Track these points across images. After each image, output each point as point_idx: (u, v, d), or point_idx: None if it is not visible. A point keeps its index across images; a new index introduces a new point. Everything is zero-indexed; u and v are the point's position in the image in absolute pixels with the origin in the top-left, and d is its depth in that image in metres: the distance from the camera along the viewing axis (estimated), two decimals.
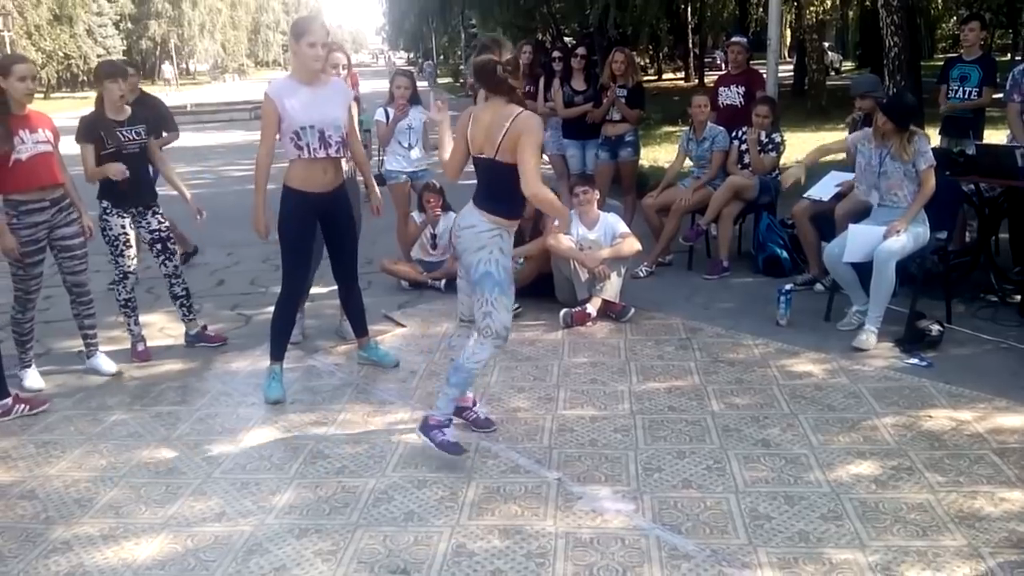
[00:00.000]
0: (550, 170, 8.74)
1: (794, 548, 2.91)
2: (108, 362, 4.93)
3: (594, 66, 8.09)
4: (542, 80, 7.72)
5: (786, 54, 35.08)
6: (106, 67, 5.01)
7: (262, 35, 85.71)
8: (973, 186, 5.68)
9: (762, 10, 20.98)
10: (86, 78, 49.41)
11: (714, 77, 8.49)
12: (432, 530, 3.12)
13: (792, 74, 24.08)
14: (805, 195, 6.07)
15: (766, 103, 6.57)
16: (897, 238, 4.76)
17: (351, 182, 4.93)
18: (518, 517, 3.19)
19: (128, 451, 3.88)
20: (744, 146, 6.55)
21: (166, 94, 43.19)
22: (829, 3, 20.60)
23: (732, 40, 7.69)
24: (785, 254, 6.32)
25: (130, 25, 59.50)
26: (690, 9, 29.21)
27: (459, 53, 42.20)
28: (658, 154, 11.82)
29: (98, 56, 47.04)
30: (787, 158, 8.45)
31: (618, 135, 7.15)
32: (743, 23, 25.34)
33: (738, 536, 3.00)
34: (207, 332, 5.39)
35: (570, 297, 5.56)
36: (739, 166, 6.58)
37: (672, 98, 18.52)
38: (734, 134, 6.65)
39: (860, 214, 5.25)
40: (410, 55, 65.61)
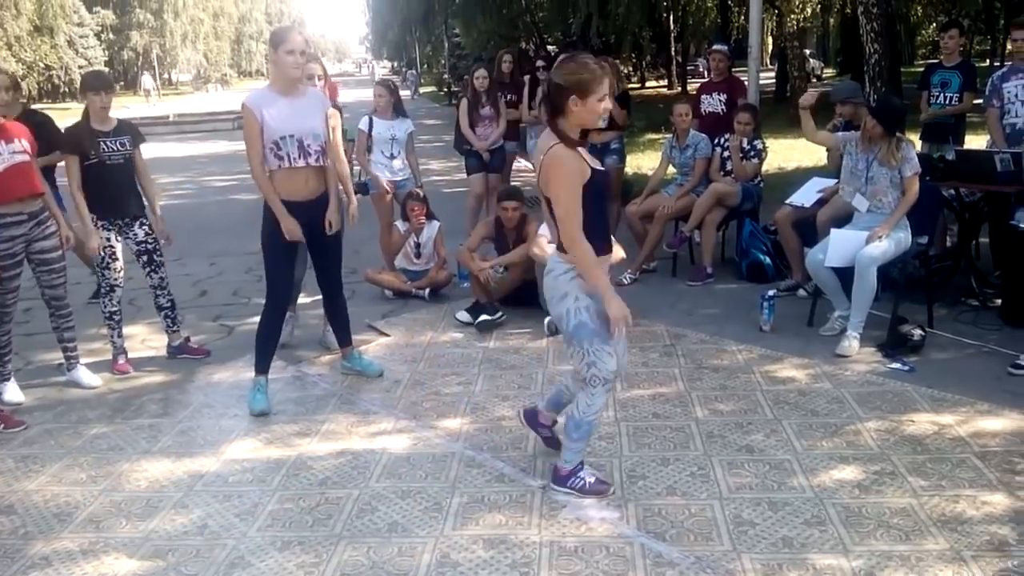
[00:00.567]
0: (534, 177, 8.77)
1: (778, 554, 2.91)
2: (89, 375, 4.89)
3: None
4: (526, 88, 7.75)
5: (768, 61, 35.32)
6: (90, 79, 4.98)
7: (245, 45, 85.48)
8: (953, 191, 5.72)
9: (743, 18, 21.12)
10: (67, 89, 49.19)
11: (697, 85, 8.53)
12: (416, 541, 3.10)
13: (774, 81, 24.24)
14: (787, 201, 6.09)
15: (748, 110, 6.60)
16: (878, 244, 4.79)
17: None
18: (502, 526, 3.17)
19: (109, 464, 3.85)
20: (726, 153, 6.58)
21: (150, 105, 43.11)
22: (810, 11, 20.74)
23: (714, 48, 7.73)
24: (768, 260, 6.35)
25: (112, 36, 59.25)
26: (672, 17, 29.38)
27: (442, 62, 42.20)
28: (642, 161, 11.85)
29: (80, 67, 46.80)
30: (769, 164, 8.50)
31: (604, 142, 7.16)
32: (725, 31, 25.48)
33: (722, 543, 3.00)
34: (190, 344, 5.36)
35: None
36: (721, 173, 6.61)
37: (657, 106, 18.57)
38: (716, 141, 6.68)
39: (842, 220, 5.27)
40: (394, 64, 65.59)
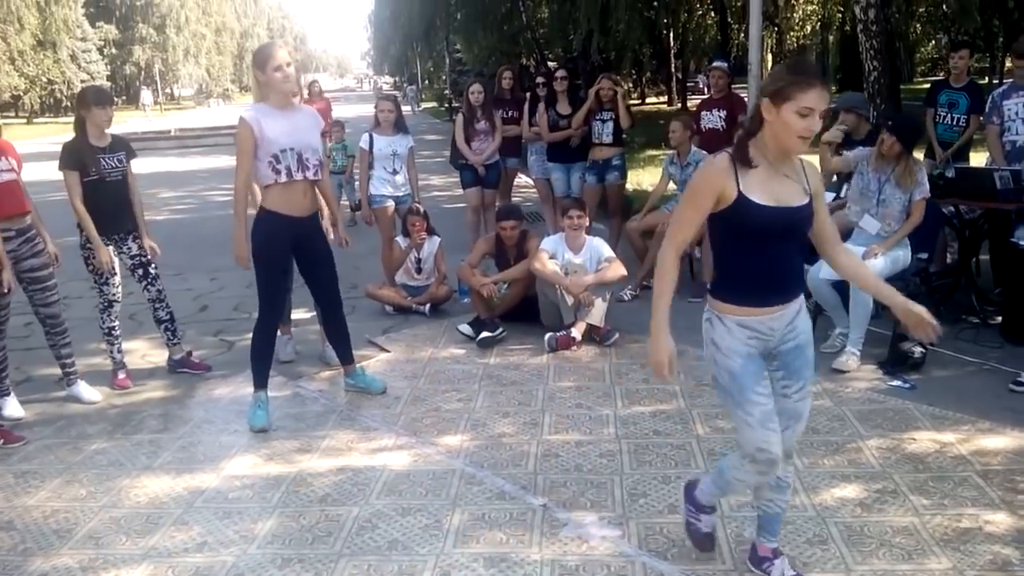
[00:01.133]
0: (535, 193, 8.80)
1: None
2: (89, 390, 4.88)
3: (578, 90, 8.14)
4: (526, 105, 7.78)
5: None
6: (94, 93, 4.94)
7: (247, 60, 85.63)
8: (953, 208, 5.73)
9: (743, 35, 21.23)
10: (69, 103, 49.31)
11: (697, 101, 8.58)
12: (416, 559, 3.09)
13: None
14: None
15: None
16: (874, 261, 4.79)
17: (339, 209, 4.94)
18: (503, 544, 3.16)
19: (108, 480, 3.84)
20: None
21: (147, 120, 43.22)
22: (809, 28, 20.85)
23: (713, 65, 7.77)
24: None
25: (114, 50, 59.53)
26: (672, 34, 29.49)
27: (443, 78, 42.38)
28: (642, 178, 11.86)
29: (82, 81, 46.98)
30: None
31: (605, 159, 7.19)
32: (725, 48, 25.57)
33: (724, 562, 2.99)
34: (191, 358, 5.35)
35: (555, 321, 5.56)
36: None
37: (658, 122, 18.61)
38: None
39: (842, 236, 5.26)
40: (395, 80, 65.85)
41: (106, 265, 4.87)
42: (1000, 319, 5.38)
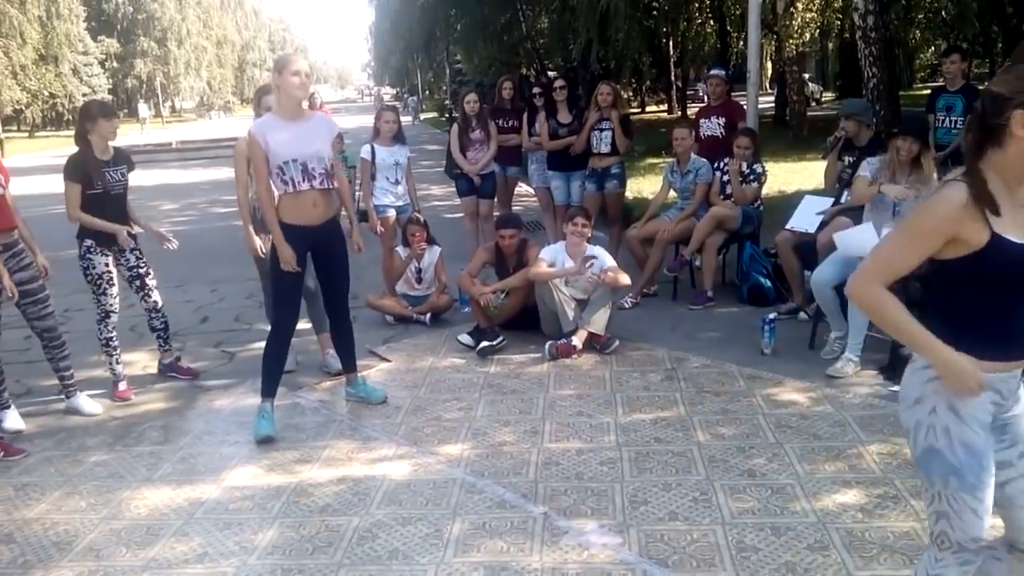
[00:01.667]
0: (535, 202, 8.81)
1: None
2: (90, 403, 4.88)
3: (578, 99, 8.16)
4: (526, 114, 7.81)
5: (767, 85, 35.52)
6: (99, 106, 5.00)
7: (248, 73, 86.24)
8: None
9: (742, 43, 21.26)
10: (71, 117, 49.47)
11: (697, 109, 8.59)
12: (417, 568, 3.08)
13: (773, 105, 24.35)
14: (788, 226, 6.10)
15: (747, 135, 6.63)
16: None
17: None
18: (504, 553, 3.15)
19: (109, 492, 3.83)
20: (726, 177, 6.60)
21: (142, 133, 43.37)
22: (808, 35, 20.87)
23: (711, 73, 7.78)
24: (769, 283, 6.35)
25: (116, 64, 59.79)
26: (672, 43, 29.58)
27: (444, 88, 42.49)
28: (642, 186, 11.89)
29: (84, 95, 47.17)
30: (769, 188, 8.52)
31: (604, 167, 7.21)
32: (724, 56, 25.65)
33: (725, 569, 2.98)
34: (179, 363, 5.40)
35: (555, 329, 5.56)
36: (721, 197, 6.62)
37: (659, 130, 18.65)
38: (716, 165, 6.70)
39: (828, 250, 5.25)
40: (396, 90, 66.05)
41: (125, 242, 4.88)
42: None
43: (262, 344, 4.54)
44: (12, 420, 4.61)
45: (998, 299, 2.06)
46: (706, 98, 8.69)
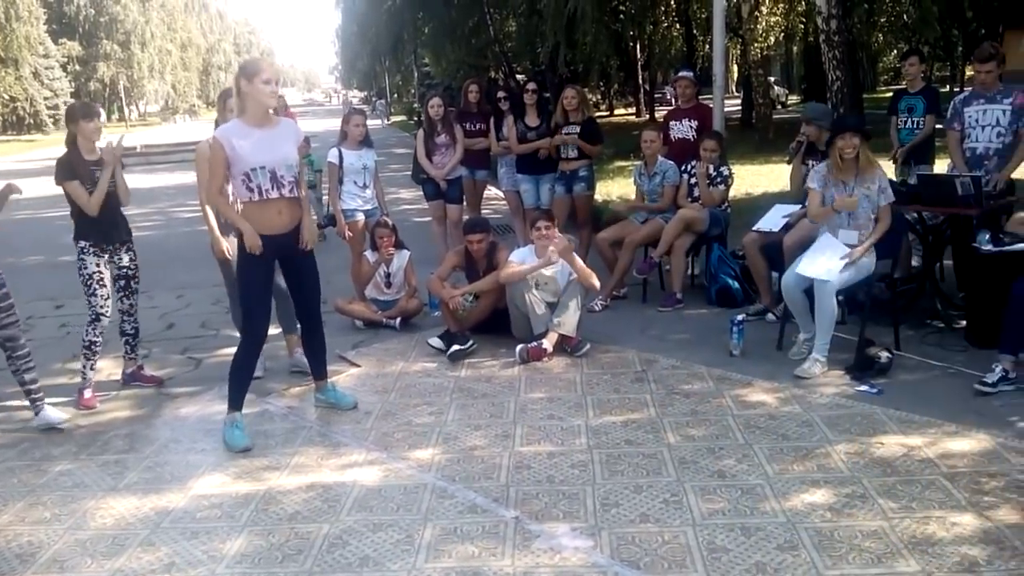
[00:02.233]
0: (505, 205, 8.81)
1: None
2: (57, 412, 4.71)
3: (547, 102, 8.17)
4: (492, 118, 7.80)
5: (733, 89, 35.84)
6: (80, 107, 4.99)
7: (213, 76, 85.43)
8: (916, 214, 5.81)
9: (708, 47, 21.43)
10: (32, 121, 48.74)
11: (665, 112, 8.62)
12: (388, 575, 3.06)
13: (739, 108, 24.58)
14: (754, 228, 6.15)
15: (713, 137, 6.68)
16: (840, 272, 4.83)
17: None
18: (475, 558, 3.14)
19: (73, 502, 3.77)
20: (693, 180, 6.64)
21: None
22: (773, 39, 21.11)
23: (679, 75, 7.78)
24: (737, 285, 6.39)
25: (78, 67, 58.95)
26: (639, 46, 29.74)
27: (412, 91, 42.37)
28: (611, 188, 11.93)
29: (45, 99, 46.47)
30: (736, 190, 8.60)
31: (572, 170, 7.22)
32: (690, 59, 25.84)
33: (696, 570, 2.99)
34: (142, 371, 5.34)
35: (526, 332, 5.55)
36: (689, 199, 6.66)
37: (631, 133, 18.75)
38: (683, 168, 6.74)
39: (809, 244, 5.32)
40: (364, 94, 65.77)
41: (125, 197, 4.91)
42: (964, 323, 5.45)
43: (229, 350, 4.49)
44: None
45: None
46: (674, 101, 8.74)
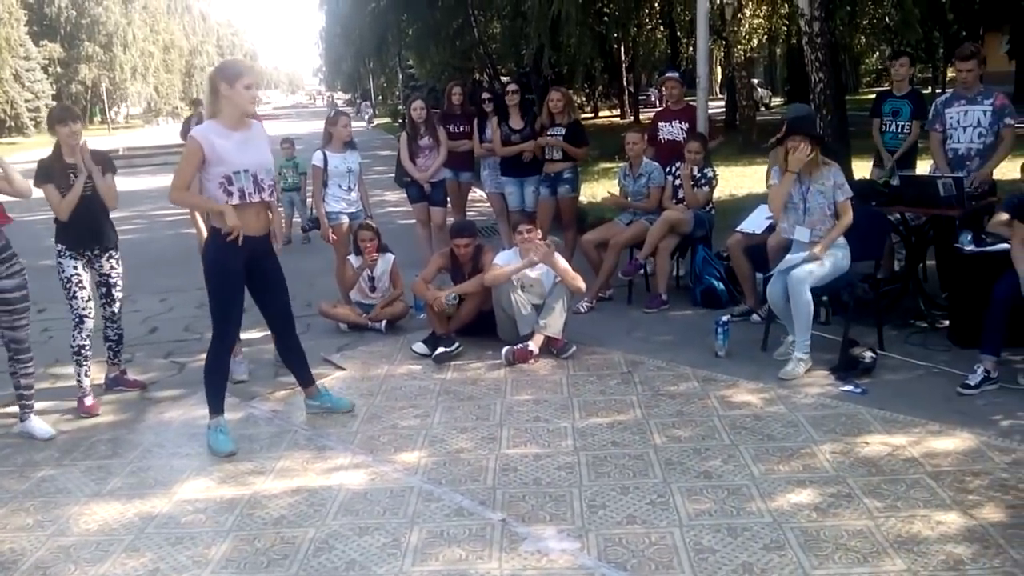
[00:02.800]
0: (489, 208, 8.80)
1: None
2: (43, 426, 4.63)
3: (531, 104, 8.16)
4: (476, 120, 7.80)
5: (717, 91, 35.96)
6: (55, 112, 4.95)
7: (196, 78, 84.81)
8: (899, 215, 5.84)
9: (692, 49, 21.49)
10: (13, 124, 48.32)
11: (650, 114, 8.63)
12: None
13: (723, 110, 24.66)
14: (738, 229, 6.18)
15: (697, 139, 6.70)
16: (816, 266, 4.85)
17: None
18: (462, 561, 3.13)
19: (56, 508, 3.73)
20: (678, 181, 6.66)
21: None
22: (756, 41, 21.15)
23: (667, 76, 7.78)
24: (721, 286, 6.41)
25: (59, 69, 58.47)
26: (623, 48, 29.77)
27: (397, 93, 42.30)
28: (596, 190, 11.94)
29: (26, 101, 46.09)
30: (720, 191, 8.63)
31: (557, 172, 7.22)
32: (675, 61, 25.89)
33: (683, 571, 2.99)
34: (126, 376, 5.31)
35: (512, 335, 5.55)
36: (674, 201, 6.68)
37: (619, 134, 18.75)
38: (668, 169, 6.76)
39: (781, 252, 5.34)
40: (350, 95, 65.60)
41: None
42: (947, 323, 5.49)
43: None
44: None
45: None
46: (658, 102, 8.76)
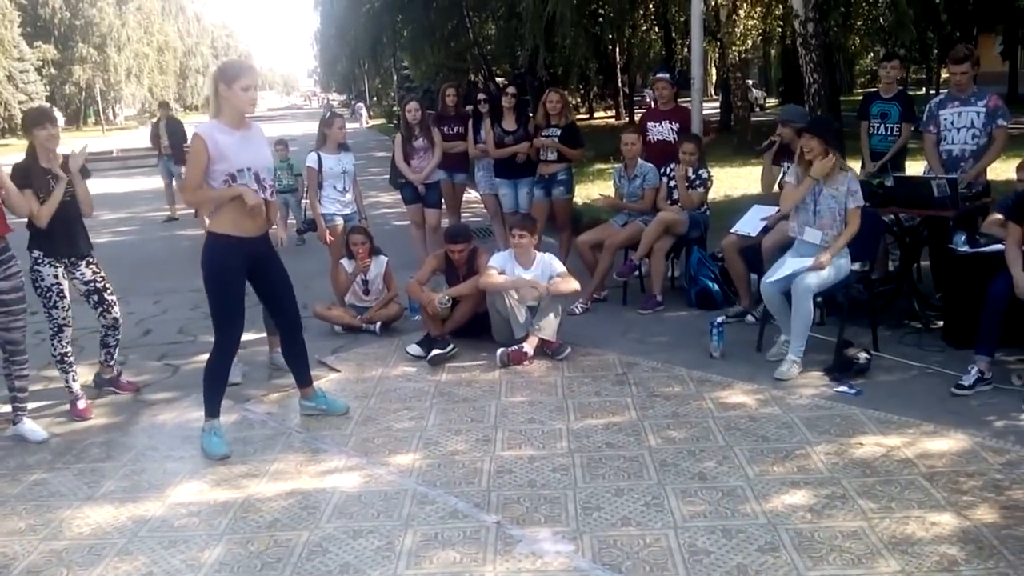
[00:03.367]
0: (483, 209, 8.80)
1: None
2: (36, 428, 4.61)
3: (525, 106, 8.16)
4: (470, 122, 7.80)
5: (712, 92, 36.02)
6: (31, 115, 4.87)
7: (190, 80, 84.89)
8: (893, 216, 5.85)
9: (687, 50, 21.51)
10: (7, 125, 48.16)
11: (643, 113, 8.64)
12: None
13: (718, 111, 24.70)
14: (732, 230, 6.18)
15: (692, 140, 6.70)
16: (817, 272, 4.85)
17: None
18: (456, 564, 3.13)
19: (49, 512, 3.72)
20: (673, 182, 6.66)
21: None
22: (751, 42, 21.19)
23: (657, 77, 7.79)
24: (716, 287, 6.42)
25: (53, 71, 58.30)
26: (618, 49, 29.83)
27: (392, 94, 42.30)
28: (591, 191, 11.94)
29: (20, 102, 45.93)
30: (715, 192, 8.64)
31: (551, 174, 7.22)
32: (669, 62, 25.92)
33: (678, 572, 2.99)
34: (119, 379, 5.28)
35: (507, 336, 5.54)
36: (668, 202, 6.67)
37: (614, 136, 18.78)
38: (662, 170, 6.75)
39: (787, 246, 5.35)
40: (344, 97, 65.56)
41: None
42: (941, 324, 5.50)
43: (207, 356, 4.41)
44: None
45: None
46: (652, 103, 8.75)
